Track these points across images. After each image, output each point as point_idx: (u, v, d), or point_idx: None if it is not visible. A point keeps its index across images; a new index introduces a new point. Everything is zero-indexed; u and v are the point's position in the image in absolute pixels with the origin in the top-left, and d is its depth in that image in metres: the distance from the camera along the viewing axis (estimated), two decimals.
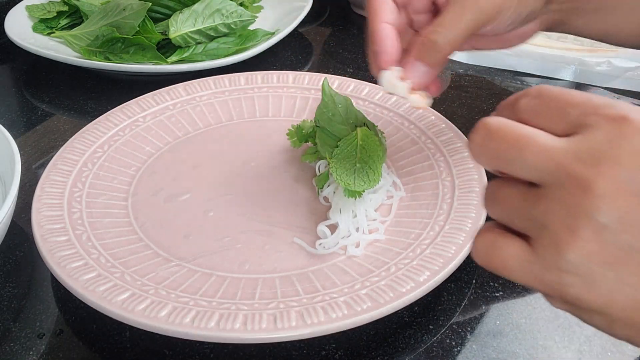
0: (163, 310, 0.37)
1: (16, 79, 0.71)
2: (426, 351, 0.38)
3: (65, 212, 0.44)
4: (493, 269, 0.27)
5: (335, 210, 0.44)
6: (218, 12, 0.67)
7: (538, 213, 0.25)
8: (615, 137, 0.24)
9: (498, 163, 0.27)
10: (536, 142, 0.25)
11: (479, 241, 0.28)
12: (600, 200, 0.24)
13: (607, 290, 0.24)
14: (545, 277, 0.25)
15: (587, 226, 0.24)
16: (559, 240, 0.24)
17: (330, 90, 0.50)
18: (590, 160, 0.24)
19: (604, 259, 0.24)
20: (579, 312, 0.26)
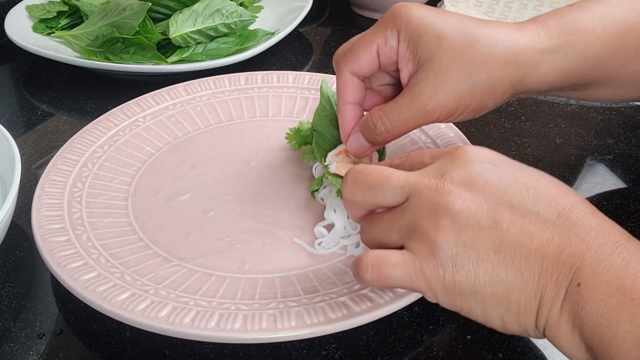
0: (163, 310, 0.37)
1: (16, 79, 0.71)
2: (426, 351, 0.38)
3: (65, 212, 0.44)
4: (383, 280, 0.32)
5: (329, 210, 0.45)
6: (218, 12, 0.67)
7: (406, 220, 0.32)
8: (453, 158, 0.33)
9: (369, 193, 0.33)
10: (396, 172, 0.33)
11: (365, 259, 0.32)
12: (449, 195, 0.31)
13: (472, 267, 0.30)
14: (426, 269, 0.31)
15: (445, 216, 0.30)
16: (428, 234, 0.30)
17: (328, 92, 0.50)
18: (437, 174, 0.32)
19: (464, 240, 0.30)
20: (459, 299, 0.31)
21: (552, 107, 0.63)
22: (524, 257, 0.29)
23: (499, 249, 0.29)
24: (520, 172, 0.32)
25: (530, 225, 0.30)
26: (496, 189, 0.31)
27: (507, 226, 0.30)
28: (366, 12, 0.84)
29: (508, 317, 0.30)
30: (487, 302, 0.30)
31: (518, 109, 0.62)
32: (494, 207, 0.30)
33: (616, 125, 0.59)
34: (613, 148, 0.56)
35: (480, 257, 0.30)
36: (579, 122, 0.60)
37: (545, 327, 0.29)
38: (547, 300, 0.29)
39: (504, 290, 0.29)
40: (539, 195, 0.30)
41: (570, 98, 0.55)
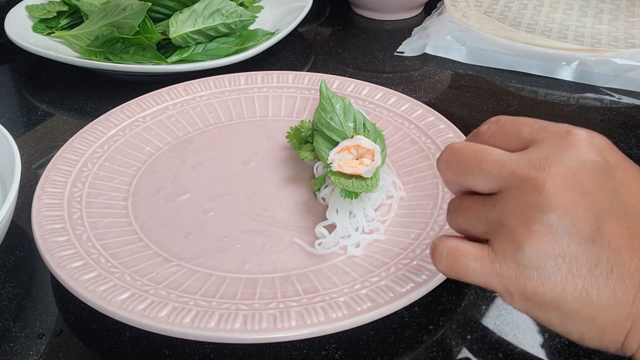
0: (163, 310, 0.37)
1: (16, 79, 0.70)
2: (426, 351, 0.38)
3: (65, 212, 0.44)
4: (456, 272, 0.30)
5: (332, 210, 0.44)
6: (218, 12, 0.67)
7: (495, 214, 0.28)
8: (561, 146, 0.28)
9: (461, 176, 0.30)
10: (492, 155, 0.29)
11: (440, 247, 0.30)
12: (550, 197, 0.27)
13: (560, 281, 0.27)
14: (505, 272, 0.28)
15: (540, 221, 0.27)
16: (516, 236, 0.27)
17: (328, 92, 0.50)
18: (539, 165, 0.27)
19: (557, 251, 0.27)
20: (537, 309, 0.28)
21: (552, 107, 0.63)
22: (620, 277, 0.27)
23: (595, 266, 0.27)
24: (633, 171, 0.29)
25: (635, 239, 0.27)
26: (606, 192, 0.27)
27: (609, 239, 0.27)
28: (366, 12, 0.84)
29: (590, 334, 0.28)
30: (570, 318, 0.28)
31: (518, 109, 0.62)
32: (599, 214, 0.27)
33: (616, 125, 0.59)
34: None
35: (571, 273, 0.27)
36: (579, 122, 0.60)
37: (637, 352, 0.27)
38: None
39: (592, 310, 0.27)
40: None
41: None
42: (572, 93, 0.65)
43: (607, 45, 0.71)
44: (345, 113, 0.49)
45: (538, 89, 0.66)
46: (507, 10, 0.81)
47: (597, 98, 0.64)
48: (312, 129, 0.51)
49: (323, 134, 0.48)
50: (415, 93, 0.65)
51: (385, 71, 0.70)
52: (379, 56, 0.73)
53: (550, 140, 0.29)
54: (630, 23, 0.77)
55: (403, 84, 0.67)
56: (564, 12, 0.81)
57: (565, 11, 0.81)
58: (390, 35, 0.79)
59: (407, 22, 0.83)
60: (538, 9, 0.81)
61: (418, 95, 0.65)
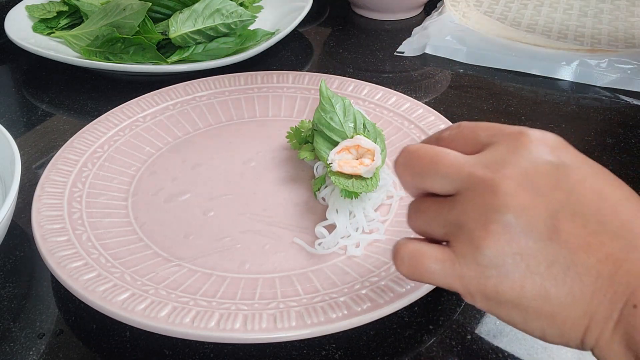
0: (163, 310, 0.37)
1: (16, 79, 0.71)
2: (426, 351, 0.38)
3: (65, 212, 0.44)
4: (418, 275, 0.30)
5: (332, 210, 0.44)
6: (218, 12, 0.67)
7: (453, 216, 0.29)
8: (515, 147, 0.29)
9: (418, 178, 0.30)
10: (449, 157, 0.30)
11: (402, 250, 0.30)
12: (505, 198, 0.27)
13: (519, 279, 0.27)
14: (466, 273, 0.28)
15: (497, 221, 0.27)
16: (474, 237, 0.28)
17: (328, 92, 0.50)
18: (495, 166, 0.28)
19: (515, 250, 0.27)
20: (499, 307, 0.28)
21: (552, 107, 0.63)
22: (577, 275, 0.27)
23: (552, 264, 0.27)
24: (587, 169, 0.29)
25: (590, 237, 0.27)
26: (560, 192, 0.28)
27: (565, 238, 0.27)
28: (366, 12, 0.84)
29: (550, 331, 0.28)
30: (530, 315, 0.28)
31: (518, 109, 0.62)
32: (554, 213, 0.27)
33: (616, 125, 0.59)
34: (613, 148, 0.56)
35: (529, 270, 0.27)
36: (579, 122, 0.60)
37: (595, 347, 0.27)
38: (599, 321, 0.27)
39: (551, 307, 0.27)
40: (605, 200, 0.28)
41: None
42: (572, 93, 0.65)
43: (607, 45, 0.71)
44: (345, 113, 0.49)
45: (538, 89, 0.66)
46: (507, 11, 0.81)
47: (597, 98, 0.64)
48: (312, 129, 0.51)
49: (323, 134, 0.48)
50: (415, 93, 0.65)
51: (385, 71, 0.70)
52: (379, 56, 0.73)
53: (504, 142, 0.29)
54: (630, 23, 0.77)
55: (403, 84, 0.67)
56: (564, 12, 0.81)
57: (565, 11, 0.81)
58: (390, 35, 0.79)
59: (407, 22, 0.83)
60: (538, 9, 0.81)
61: (418, 95, 0.65)
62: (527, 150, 0.29)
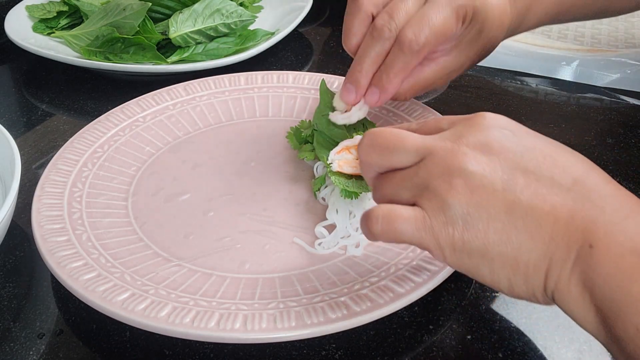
0: (163, 310, 0.37)
1: (16, 79, 0.71)
2: (426, 351, 0.38)
3: (65, 212, 0.44)
4: (391, 233, 0.32)
5: (331, 210, 0.44)
6: (218, 12, 0.67)
7: (419, 179, 0.32)
8: (471, 124, 0.33)
9: (385, 155, 0.33)
10: (412, 135, 0.33)
11: (375, 211, 0.32)
12: (463, 156, 0.31)
13: (482, 227, 0.30)
14: (435, 226, 0.31)
15: (459, 176, 0.30)
16: (440, 192, 0.31)
17: (327, 93, 0.50)
18: (453, 137, 0.32)
19: (476, 201, 0.30)
20: (467, 259, 0.31)
21: (552, 107, 0.63)
22: (535, 219, 0.29)
23: (511, 210, 0.29)
24: (537, 139, 0.32)
25: (544, 189, 0.30)
26: (512, 154, 0.31)
27: (520, 189, 0.30)
28: None
29: (515, 279, 0.30)
30: (495, 262, 0.30)
31: (518, 109, 0.62)
32: (508, 170, 0.30)
33: (616, 125, 0.59)
34: (613, 148, 0.56)
35: (491, 217, 0.30)
36: (579, 122, 0.60)
37: (555, 290, 0.29)
38: (557, 262, 0.29)
39: (513, 250, 0.29)
40: (555, 162, 0.31)
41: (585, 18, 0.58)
42: (572, 93, 0.65)
43: (607, 45, 0.71)
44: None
45: (538, 89, 0.66)
46: None
47: (597, 98, 0.64)
48: (312, 129, 0.51)
49: (323, 134, 0.48)
50: None
51: None
52: None
53: (461, 122, 0.33)
54: (630, 23, 0.77)
55: None
56: None
57: None
58: None
59: None
60: None
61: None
62: (481, 125, 0.32)
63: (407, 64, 0.43)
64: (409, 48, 0.42)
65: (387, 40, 0.43)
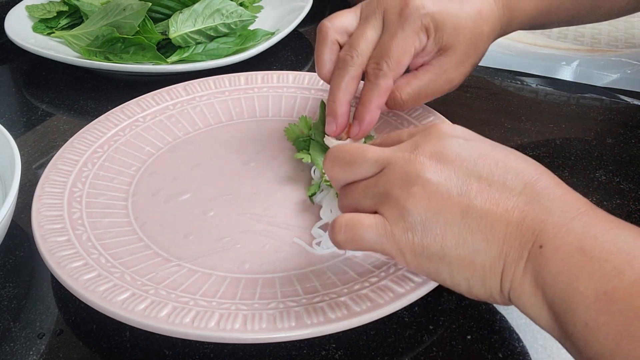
0: (163, 310, 0.37)
1: (16, 79, 0.71)
2: (426, 351, 0.38)
3: (65, 212, 0.44)
4: (354, 240, 0.34)
5: (325, 210, 0.45)
6: (218, 12, 0.67)
7: (380, 188, 0.34)
8: (427, 134, 0.35)
9: (347, 168, 0.35)
10: (372, 148, 0.35)
11: (339, 221, 0.34)
12: (420, 165, 0.33)
13: (440, 231, 0.31)
14: (396, 232, 0.32)
15: (417, 184, 0.32)
16: (399, 200, 0.32)
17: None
18: (410, 148, 0.34)
19: (434, 206, 0.32)
20: (427, 262, 0.32)
21: (552, 107, 0.63)
22: (489, 222, 0.31)
23: (466, 215, 0.31)
24: (490, 147, 0.34)
25: (497, 193, 0.31)
26: (466, 161, 0.32)
27: (474, 194, 0.31)
28: None
29: (473, 281, 0.32)
30: (454, 265, 0.31)
31: (518, 109, 0.62)
32: (463, 177, 0.32)
33: (616, 125, 0.59)
34: (613, 148, 0.56)
35: (447, 222, 0.31)
36: (579, 122, 0.60)
37: (510, 290, 0.31)
38: (511, 262, 0.30)
39: (470, 253, 0.31)
40: (507, 167, 0.32)
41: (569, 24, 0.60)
42: (572, 93, 0.65)
43: (607, 45, 0.71)
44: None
45: (538, 89, 0.66)
46: None
47: (597, 98, 0.64)
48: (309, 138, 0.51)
49: (319, 144, 0.49)
50: None
51: None
52: None
53: (419, 133, 0.35)
54: (631, 23, 0.77)
55: None
56: None
57: None
58: None
59: None
60: None
61: None
62: (437, 135, 0.34)
63: (380, 93, 0.46)
64: (375, 77, 0.45)
65: (352, 68, 0.46)
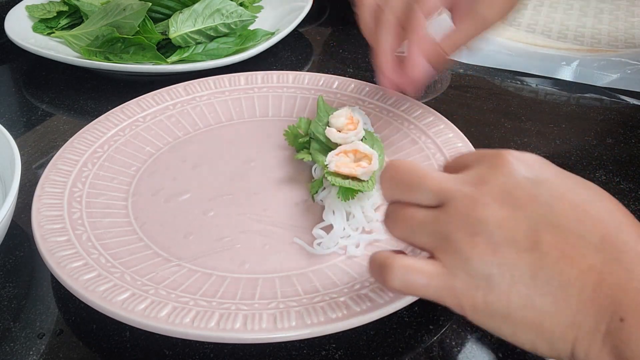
0: (163, 310, 0.37)
1: (16, 79, 0.71)
2: (426, 351, 0.38)
3: (65, 212, 0.44)
4: (411, 290, 0.31)
5: (328, 211, 0.45)
6: (218, 12, 0.67)
7: (439, 227, 0.30)
8: (495, 165, 0.31)
9: (405, 192, 0.32)
10: (434, 173, 0.32)
11: (394, 266, 0.31)
12: (486, 209, 0.29)
13: (505, 289, 0.28)
14: (457, 285, 0.29)
15: (481, 233, 0.29)
16: (461, 248, 0.29)
17: (325, 106, 0.51)
18: (475, 182, 0.30)
19: (500, 261, 0.28)
20: (489, 320, 0.29)
21: (552, 107, 0.63)
22: (561, 285, 0.28)
23: (536, 274, 0.28)
24: (567, 184, 0.30)
25: (572, 249, 0.28)
26: (539, 205, 0.29)
27: (547, 249, 0.28)
28: None
29: (539, 343, 0.29)
30: (518, 326, 0.29)
31: (518, 109, 0.62)
32: (534, 226, 0.28)
33: (616, 125, 0.59)
34: (613, 148, 0.56)
35: (514, 280, 0.28)
36: (579, 122, 0.60)
37: (586, 358, 0.28)
38: (586, 333, 0.27)
39: (538, 316, 0.28)
40: (586, 214, 0.29)
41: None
42: (572, 93, 0.65)
43: (607, 45, 0.71)
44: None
45: (538, 89, 0.66)
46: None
47: (597, 98, 0.64)
48: (308, 137, 0.51)
49: (319, 142, 0.49)
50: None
51: None
52: None
53: (485, 162, 0.31)
54: (630, 23, 0.77)
55: None
56: (564, 12, 0.81)
57: (566, 11, 0.81)
58: None
59: None
60: (538, 9, 0.81)
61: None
62: (506, 168, 0.30)
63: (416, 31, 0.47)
64: (408, 19, 0.46)
65: (387, 18, 0.47)
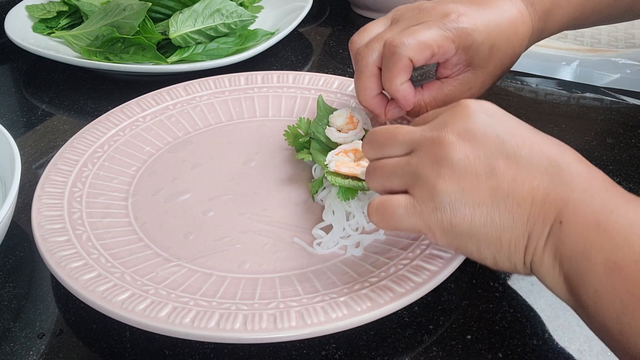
0: (163, 310, 0.37)
1: (16, 79, 0.71)
2: (426, 351, 0.38)
3: (65, 212, 0.44)
4: (386, 219, 0.35)
5: (328, 211, 0.45)
6: (218, 12, 0.67)
7: (410, 168, 0.35)
8: (454, 112, 0.36)
9: (381, 149, 0.37)
10: (403, 128, 0.37)
11: (372, 203, 0.36)
12: (449, 146, 0.34)
13: (469, 211, 0.33)
14: (425, 212, 0.34)
15: (446, 166, 0.33)
16: (429, 181, 0.34)
17: (325, 106, 0.51)
18: (439, 126, 0.35)
19: (462, 187, 0.33)
20: (456, 239, 0.34)
21: (552, 107, 0.63)
22: (515, 202, 0.32)
23: (494, 195, 0.33)
24: (517, 125, 0.35)
25: (523, 172, 0.33)
26: (493, 140, 0.34)
27: (502, 174, 0.33)
28: (366, 12, 0.84)
29: (500, 256, 0.34)
30: (481, 242, 0.33)
31: (518, 109, 0.62)
32: (490, 156, 0.33)
33: (616, 125, 0.59)
34: (613, 148, 0.56)
35: (476, 203, 0.33)
36: (579, 122, 0.60)
37: (532, 262, 0.33)
38: (534, 238, 0.32)
39: (497, 231, 0.33)
40: (533, 145, 0.34)
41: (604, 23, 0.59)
42: (572, 93, 0.65)
43: (607, 45, 0.71)
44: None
45: (538, 89, 0.66)
46: None
47: (597, 98, 0.64)
48: (309, 137, 0.51)
49: (319, 142, 0.49)
50: None
51: None
52: None
53: (447, 110, 0.37)
54: (631, 23, 0.77)
55: None
56: None
57: None
58: None
59: None
60: None
61: None
62: (463, 112, 0.35)
63: (396, 64, 0.44)
64: (393, 47, 0.44)
65: (366, 63, 0.46)
